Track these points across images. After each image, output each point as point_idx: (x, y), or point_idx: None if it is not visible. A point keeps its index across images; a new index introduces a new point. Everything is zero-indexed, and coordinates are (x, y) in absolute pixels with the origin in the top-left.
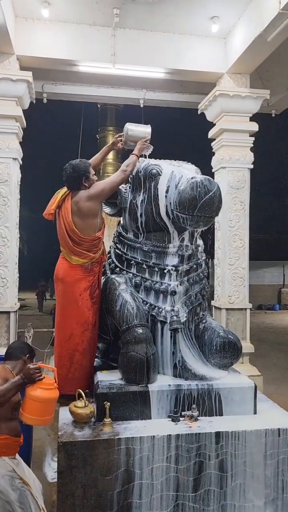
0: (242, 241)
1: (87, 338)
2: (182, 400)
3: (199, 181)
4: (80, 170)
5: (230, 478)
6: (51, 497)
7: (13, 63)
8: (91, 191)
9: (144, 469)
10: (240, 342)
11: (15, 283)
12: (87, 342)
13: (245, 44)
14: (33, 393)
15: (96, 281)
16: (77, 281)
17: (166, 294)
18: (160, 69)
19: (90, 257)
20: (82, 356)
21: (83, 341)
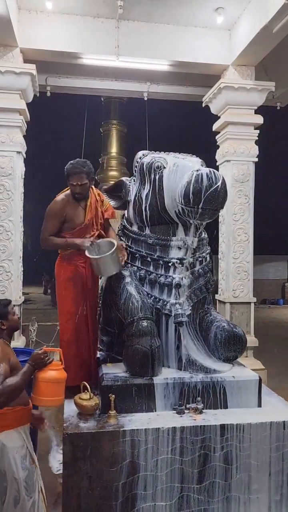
0: (246, 234)
1: (70, 329)
2: (186, 393)
3: (204, 174)
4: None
5: (234, 471)
6: (57, 488)
7: (17, 56)
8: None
9: (149, 461)
10: (245, 335)
11: (19, 276)
12: (70, 332)
13: (250, 35)
14: (45, 375)
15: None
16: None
17: (171, 287)
18: (164, 61)
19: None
20: (67, 347)
21: (66, 332)
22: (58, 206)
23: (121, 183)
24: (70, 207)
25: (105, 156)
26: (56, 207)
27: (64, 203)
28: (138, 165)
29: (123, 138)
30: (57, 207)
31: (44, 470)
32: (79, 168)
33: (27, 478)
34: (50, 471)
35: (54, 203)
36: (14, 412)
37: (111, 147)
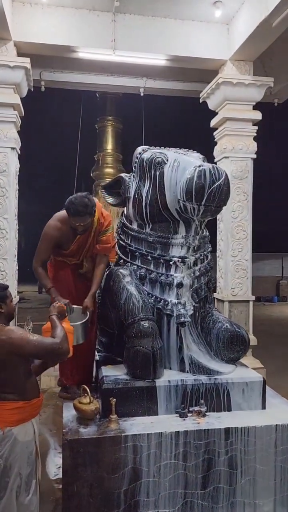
0: (245, 232)
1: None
2: (189, 395)
3: (206, 169)
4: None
5: (239, 475)
6: (55, 494)
7: (10, 49)
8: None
9: (151, 467)
10: (248, 336)
11: (14, 275)
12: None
13: (249, 29)
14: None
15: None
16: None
17: (172, 287)
18: (161, 55)
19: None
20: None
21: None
22: (53, 234)
23: (120, 179)
24: (63, 234)
25: (101, 153)
26: (51, 233)
27: (59, 230)
28: (138, 160)
29: (119, 134)
30: (52, 234)
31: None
32: (82, 211)
33: (28, 476)
34: (48, 476)
35: (51, 229)
36: (31, 405)
37: (106, 144)
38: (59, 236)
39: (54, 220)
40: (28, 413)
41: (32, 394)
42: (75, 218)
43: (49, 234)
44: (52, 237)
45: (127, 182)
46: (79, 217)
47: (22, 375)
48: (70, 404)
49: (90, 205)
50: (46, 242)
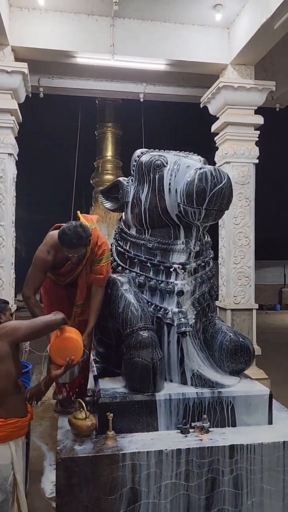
0: (247, 239)
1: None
2: (191, 410)
3: (208, 172)
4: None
5: (245, 496)
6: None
7: (8, 55)
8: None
9: (151, 487)
10: (252, 346)
11: (11, 284)
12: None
13: (250, 32)
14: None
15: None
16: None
17: (173, 295)
18: (161, 60)
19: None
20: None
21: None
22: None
23: (118, 183)
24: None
25: (100, 160)
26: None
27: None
28: (136, 164)
29: (119, 141)
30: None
31: (36, 493)
32: (76, 243)
33: (3, 503)
34: (43, 494)
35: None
36: (7, 425)
37: (106, 150)
38: (51, 261)
39: (46, 245)
40: (4, 433)
41: (13, 412)
42: (68, 250)
43: (40, 259)
44: (44, 262)
45: (125, 187)
46: (73, 249)
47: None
48: (65, 419)
49: (84, 236)
50: (38, 268)
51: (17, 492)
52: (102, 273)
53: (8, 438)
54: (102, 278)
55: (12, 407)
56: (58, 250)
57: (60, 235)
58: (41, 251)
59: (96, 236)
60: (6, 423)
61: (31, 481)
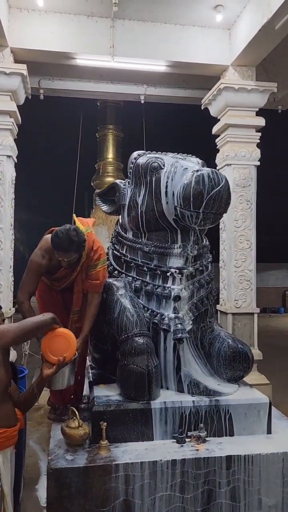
0: (248, 242)
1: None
2: (188, 418)
3: (205, 174)
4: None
5: (243, 509)
6: None
7: (7, 56)
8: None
9: (145, 499)
10: (251, 352)
11: (9, 287)
12: None
13: (251, 33)
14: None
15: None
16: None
17: (169, 300)
18: (161, 61)
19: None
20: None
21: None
22: (40, 263)
23: (114, 186)
24: (50, 262)
25: (101, 162)
26: (38, 262)
27: (47, 261)
28: (133, 166)
29: (120, 143)
30: (39, 263)
31: (30, 500)
32: (66, 248)
33: None
34: (37, 502)
35: (38, 258)
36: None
37: (107, 153)
38: (46, 265)
39: (41, 250)
40: None
41: (1, 422)
42: (59, 253)
43: (35, 263)
44: (39, 266)
45: (122, 189)
46: (63, 253)
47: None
48: (58, 427)
49: (76, 241)
50: (32, 272)
51: (3, 504)
52: (98, 279)
53: None
54: (98, 283)
55: (0, 417)
56: (53, 254)
57: (52, 237)
58: (35, 255)
59: (91, 241)
60: None
61: (26, 488)
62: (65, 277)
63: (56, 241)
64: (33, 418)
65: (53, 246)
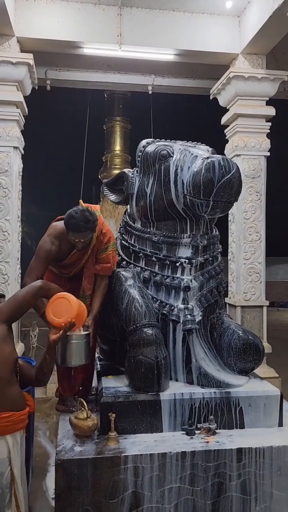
0: (258, 234)
1: None
2: (197, 410)
3: (215, 161)
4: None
5: (254, 502)
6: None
7: (13, 46)
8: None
9: (154, 491)
10: (262, 344)
11: (16, 279)
12: None
13: (261, 20)
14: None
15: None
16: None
17: (179, 290)
18: (169, 50)
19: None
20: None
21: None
22: (49, 249)
23: (122, 175)
24: (59, 249)
25: (109, 154)
26: (47, 249)
27: (56, 248)
28: (142, 154)
29: (127, 135)
30: (48, 249)
31: (39, 492)
32: (83, 227)
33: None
34: (46, 494)
35: (47, 245)
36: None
37: (114, 145)
38: (55, 252)
39: (50, 236)
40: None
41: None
42: (75, 234)
43: (44, 250)
44: (48, 253)
45: (130, 178)
46: (80, 233)
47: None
48: (66, 418)
49: (91, 220)
50: (41, 258)
51: (14, 487)
52: (109, 261)
53: (3, 432)
54: (109, 266)
55: (6, 400)
56: (62, 240)
57: (67, 219)
58: (44, 242)
59: (100, 223)
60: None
61: (34, 478)
62: (74, 263)
63: (73, 222)
64: (41, 410)
65: (70, 228)
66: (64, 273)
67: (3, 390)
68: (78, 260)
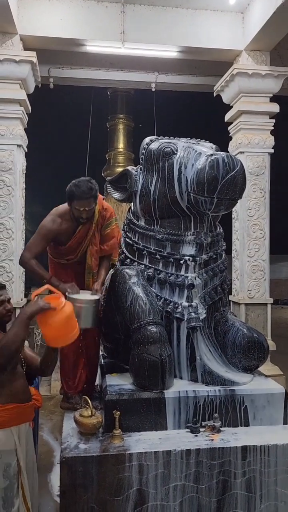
0: (262, 231)
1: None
2: (202, 408)
3: (219, 158)
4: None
5: (258, 500)
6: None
7: (16, 44)
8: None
9: (159, 489)
10: (266, 342)
11: (21, 277)
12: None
13: (265, 17)
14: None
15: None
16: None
17: (183, 288)
18: (172, 47)
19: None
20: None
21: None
22: (50, 227)
23: (126, 172)
24: (61, 229)
25: (112, 152)
26: (48, 227)
27: (58, 226)
28: (145, 152)
29: (131, 132)
30: (49, 228)
31: (44, 490)
32: (87, 193)
33: (6, 490)
34: (50, 491)
35: (48, 223)
36: (5, 411)
37: (118, 142)
38: (56, 231)
39: (52, 215)
40: (3, 418)
41: (7, 398)
42: (80, 201)
43: (46, 228)
44: (49, 231)
45: (134, 176)
46: (85, 200)
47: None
48: (71, 415)
49: (94, 188)
50: (41, 236)
51: (21, 479)
52: (114, 235)
53: (8, 423)
54: (115, 241)
55: (11, 392)
56: (64, 220)
57: (70, 188)
58: (46, 221)
59: (101, 199)
60: (4, 408)
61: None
62: (80, 243)
63: (77, 190)
64: (46, 407)
65: (75, 196)
66: (70, 258)
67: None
68: (83, 239)
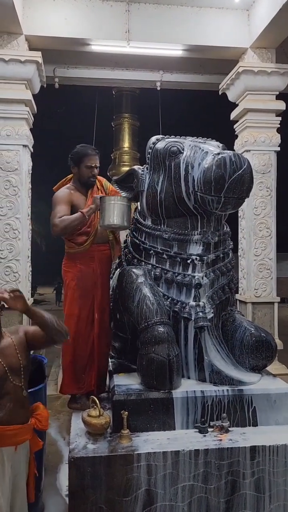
0: (268, 229)
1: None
2: (210, 408)
3: (226, 157)
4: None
5: (268, 500)
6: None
7: (22, 44)
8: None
9: (167, 489)
10: (274, 341)
11: (27, 277)
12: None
13: (271, 14)
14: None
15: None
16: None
17: (190, 288)
18: (178, 46)
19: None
20: (64, 352)
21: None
22: (65, 193)
23: (132, 172)
24: (73, 196)
25: (117, 151)
26: (64, 192)
27: (70, 191)
28: (152, 151)
29: (136, 132)
30: (65, 192)
31: (52, 490)
32: (94, 149)
33: None
34: (58, 492)
35: (59, 192)
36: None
37: (123, 142)
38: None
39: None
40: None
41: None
42: (90, 157)
43: (61, 195)
44: (64, 195)
45: (140, 175)
46: (94, 156)
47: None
48: (79, 415)
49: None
50: (60, 201)
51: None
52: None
53: None
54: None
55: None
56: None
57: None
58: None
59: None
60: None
61: (47, 476)
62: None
63: (84, 149)
64: (53, 407)
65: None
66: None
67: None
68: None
